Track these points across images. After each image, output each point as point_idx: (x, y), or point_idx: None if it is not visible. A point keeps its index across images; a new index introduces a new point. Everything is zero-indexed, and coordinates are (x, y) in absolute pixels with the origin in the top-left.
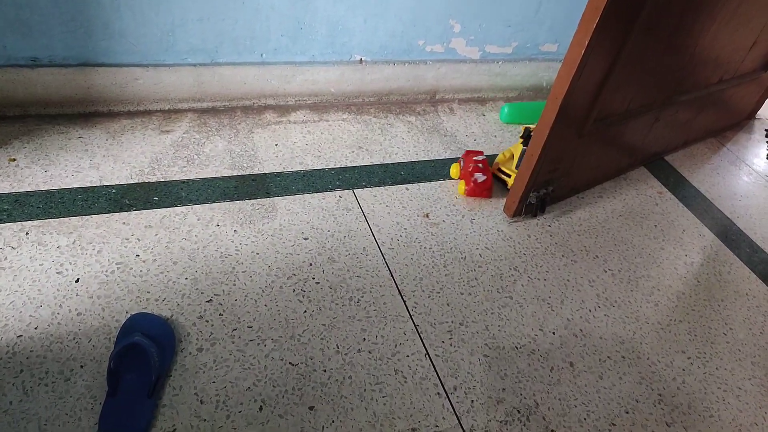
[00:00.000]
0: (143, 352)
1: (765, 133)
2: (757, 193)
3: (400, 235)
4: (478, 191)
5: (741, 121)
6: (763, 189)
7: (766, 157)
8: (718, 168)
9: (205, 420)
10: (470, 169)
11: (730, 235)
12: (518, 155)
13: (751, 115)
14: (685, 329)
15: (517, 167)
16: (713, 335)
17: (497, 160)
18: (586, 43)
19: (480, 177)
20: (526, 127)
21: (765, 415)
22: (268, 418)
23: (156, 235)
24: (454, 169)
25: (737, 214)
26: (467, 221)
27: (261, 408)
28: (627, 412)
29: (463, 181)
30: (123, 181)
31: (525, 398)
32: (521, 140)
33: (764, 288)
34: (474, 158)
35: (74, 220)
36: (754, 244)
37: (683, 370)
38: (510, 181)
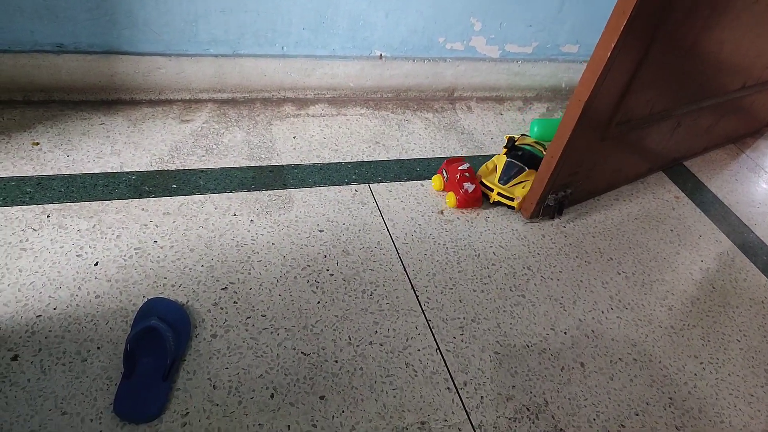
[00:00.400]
0: (159, 336)
1: None
2: None
3: (415, 231)
4: (470, 201)
5: (761, 128)
6: None
7: None
8: (736, 174)
9: (217, 404)
10: (458, 179)
11: (748, 242)
12: (501, 167)
13: None
14: (699, 334)
15: (500, 180)
16: (726, 341)
17: (479, 172)
18: (612, 46)
19: (470, 187)
20: (510, 137)
21: None
22: (279, 405)
23: (174, 222)
24: (437, 181)
25: (755, 222)
26: (482, 219)
27: (272, 395)
28: (637, 414)
29: (451, 192)
30: (143, 168)
31: (535, 396)
32: (504, 150)
33: None
34: (459, 167)
35: (95, 205)
36: None
37: (695, 374)
38: (493, 195)
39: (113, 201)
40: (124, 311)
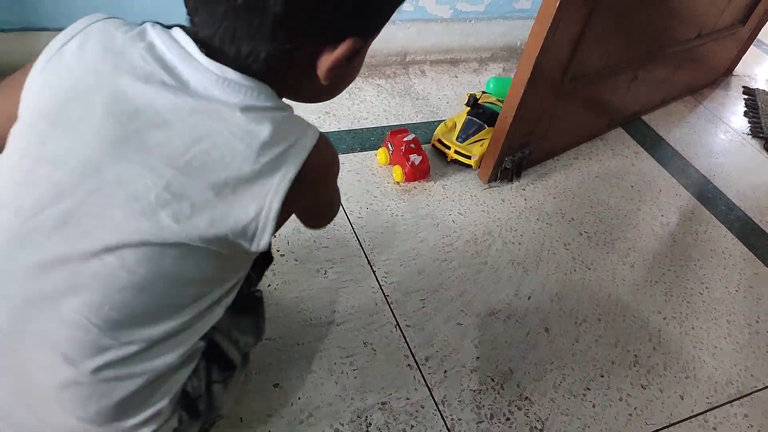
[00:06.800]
0: None
1: (742, 90)
2: (733, 150)
3: (371, 203)
4: (418, 174)
5: (718, 78)
6: (740, 146)
7: (743, 114)
8: (695, 126)
9: None
10: (403, 151)
11: (707, 193)
12: (461, 125)
13: (729, 71)
14: (662, 290)
15: (458, 138)
16: (689, 295)
17: (437, 131)
18: None
19: (416, 159)
20: (471, 94)
21: (740, 372)
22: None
23: None
24: (382, 155)
25: (713, 173)
26: (439, 187)
27: None
28: (602, 376)
29: (398, 166)
30: None
31: (500, 365)
32: (466, 108)
33: (740, 246)
34: (404, 139)
35: None
36: (731, 202)
37: (659, 330)
38: (450, 153)
39: None
40: None
